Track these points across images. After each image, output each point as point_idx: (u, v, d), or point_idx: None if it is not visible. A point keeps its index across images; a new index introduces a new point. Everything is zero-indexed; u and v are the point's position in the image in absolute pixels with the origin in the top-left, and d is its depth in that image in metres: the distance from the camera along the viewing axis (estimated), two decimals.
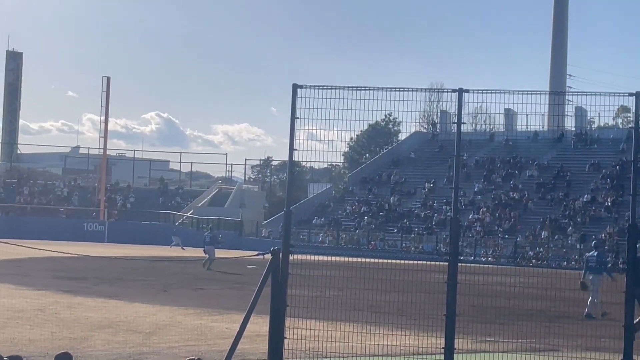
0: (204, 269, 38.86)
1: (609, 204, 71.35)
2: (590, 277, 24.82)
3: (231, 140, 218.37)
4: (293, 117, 16.62)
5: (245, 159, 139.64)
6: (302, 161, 18.00)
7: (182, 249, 64.70)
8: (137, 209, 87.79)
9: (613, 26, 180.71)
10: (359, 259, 28.25)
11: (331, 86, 16.90)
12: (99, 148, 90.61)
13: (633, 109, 16.72)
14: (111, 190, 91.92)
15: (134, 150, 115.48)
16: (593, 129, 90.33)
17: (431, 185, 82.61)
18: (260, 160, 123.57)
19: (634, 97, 16.21)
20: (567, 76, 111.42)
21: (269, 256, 15.61)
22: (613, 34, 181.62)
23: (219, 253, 42.25)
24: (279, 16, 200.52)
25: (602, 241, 51.28)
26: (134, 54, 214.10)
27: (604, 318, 23.04)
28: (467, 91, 16.46)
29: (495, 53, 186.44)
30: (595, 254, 25.83)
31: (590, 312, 24.12)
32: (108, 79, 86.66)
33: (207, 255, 41.17)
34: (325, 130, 17.60)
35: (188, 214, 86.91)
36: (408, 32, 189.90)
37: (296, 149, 16.68)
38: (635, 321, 18.52)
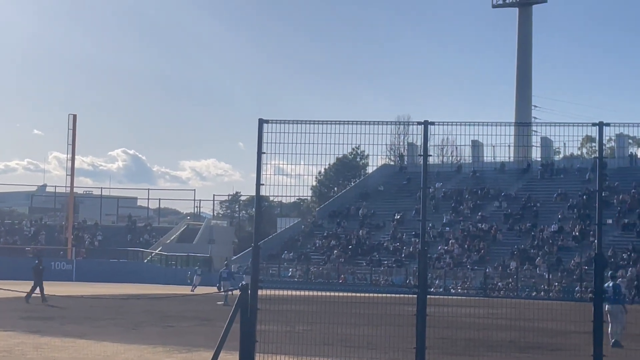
0: (223, 305, 38.75)
1: (577, 233, 71.76)
2: (607, 307, 24.84)
3: (199, 176, 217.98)
4: (260, 152, 16.64)
5: (214, 195, 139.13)
6: (271, 196, 17.96)
7: (192, 290, 56.14)
8: (105, 246, 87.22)
9: (577, 56, 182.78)
10: (329, 293, 28.21)
11: (298, 120, 16.94)
12: (65, 186, 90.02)
13: (597, 139, 16.91)
14: (78, 228, 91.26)
15: (101, 188, 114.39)
16: (559, 159, 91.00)
17: (400, 215, 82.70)
18: (228, 195, 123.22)
19: (597, 127, 16.37)
20: (533, 107, 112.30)
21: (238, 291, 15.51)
22: (577, 64, 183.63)
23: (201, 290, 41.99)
24: (246, 51, 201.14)
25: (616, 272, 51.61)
26: (100, 91, 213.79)
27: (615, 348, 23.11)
28: (433, 123, 16.57)
29: (461, 85, 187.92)
30: (612, 284, 25.88)
31: (617, 339, 24.12)
32: (74, 116, 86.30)
33: (224, 292, 40.78)
34: (293, 164, 17.63)
35: (157, 251, 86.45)
36: (375, 65, 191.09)
37: (263, 184, 16.69)
38: None
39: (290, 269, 75.91)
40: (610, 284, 25.85)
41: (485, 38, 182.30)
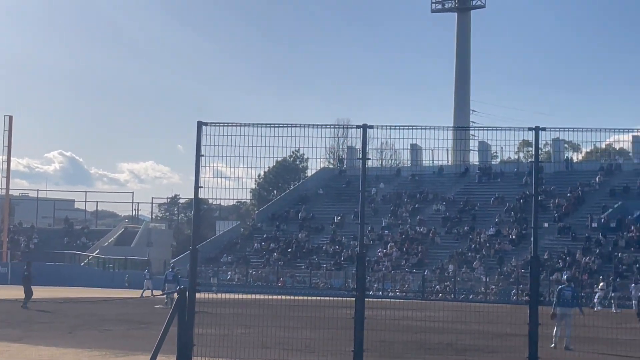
0: (164, 308, 38.37)
1: (514, 236, 72.52)
2: (560, 310, 25.04)
3: (137, 179, 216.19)
4: (198, 155, 16.58)
5: (152, 197, 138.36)
6: (210, 198, 17.91)
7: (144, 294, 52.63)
8: (42, 249, 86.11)
9: (515, 61, 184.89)
10: (268, 296, 28.13)
11: (237, 123, 16.92)
12: (1, 188, 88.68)
13: (534, 143, 17.13)
14: (14, 231, 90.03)
15: (38, 190, 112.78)
16: (497, 163, 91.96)
17: (339, 218, 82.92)
18: (167, 198, 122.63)
19: (534, 131, 16.57)
20: (471, 111, 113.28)
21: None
22: (515, 69, 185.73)
23: (129, 293, 41.68)
24: (184, 52, 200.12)
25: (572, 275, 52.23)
26: (36, 92, 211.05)
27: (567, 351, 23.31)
28: (372, 127, 16.65)
29: (400, 89, 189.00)
30: (570, 288, 26.10)
31: (568, 344, 24.32)
32: (10, 117, 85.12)
33: (166, 295, 40.48)
34: (232, 167, 17.60)
35: (94, 254, 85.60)
36: (315, 68, 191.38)
37: (202, 187, 16.64)
38: None
39: (229, 272, 75.66)
40: (569, 287, 26.13)
41: (425, 42, 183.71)
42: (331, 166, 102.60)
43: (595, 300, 52.23)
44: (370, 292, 56.90)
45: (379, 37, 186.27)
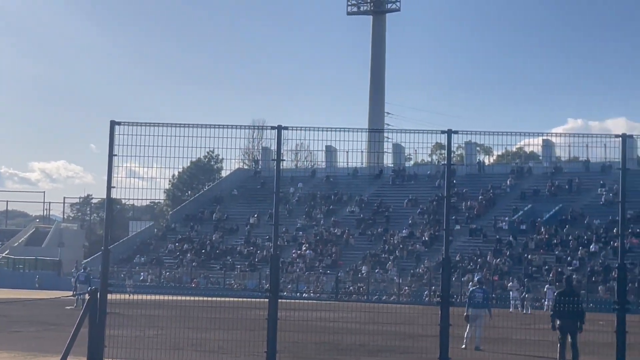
0: (77, 308, 37.65)
1: (426, 238, 73.27)
2: (472, 311, 25.30)
3: (49, 178, 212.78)
4: (111, 154, 16.42)
5: (64, 197, 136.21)
6: (123, 198, 17.76)
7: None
8: None
9: (430, 64, 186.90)
10: (181, 298, 27.98)
11: (151, 123, 16.80)
12: None
13: (446, 146, 17.35)
14: None
15: None
16: (410, 165, 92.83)
17: (255, 218, 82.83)
18: (79, 198, 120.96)
19: (446, 134, 16.77)
20: (386, 114, 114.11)
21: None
22: (430, 72, 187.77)
23: (40, 294, 41.01)
24: (99, 50, 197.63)
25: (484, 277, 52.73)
26: None
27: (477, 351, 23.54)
28: (286, 128, 16.67)
29: (316, 91, 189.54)
30: (481, 290, 26.39)
31: (478, 344, 24.54)
32: None
33: (77, 295, 39.73)
34: (146, 167, 17.47)
35: (4, 254, 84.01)
36: (231, 69, 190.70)
37: (115, 187, 16.49)
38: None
39: (142, 273, 74.98)
40: (480, 289, 26.47)
41: (340, 44, 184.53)
42: (246, 167, 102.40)
43: (512, 301, 53.06)
44: (284, 293, 56.89)
45: (295, 39, 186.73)
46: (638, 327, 21.84)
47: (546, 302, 51.21)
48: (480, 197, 78.82)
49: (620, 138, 17.34)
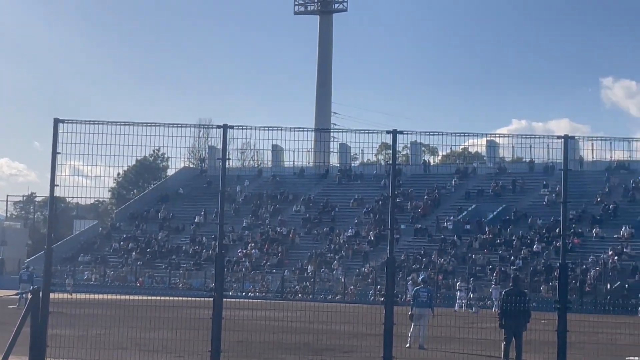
0: (19, 307, 37.13)
1: (372, 238, 73.57)
2: (417, 310, 25.45)
3: None
4: (54, 152, 16.29)
5: (7, 195, 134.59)
6: (67, 197, 17.61)
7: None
8: None
9: (377, 64, 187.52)
10: (126, 297, 27.82)
11: (96, 121, 16.70)
12: None
13: (392, 146, 17.45)
14: None
15: None
16: (357, 165, 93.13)
17: (201, 217, 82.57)
18: (23, 196, 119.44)
19: (392, 134, 16.87)
20: (332, 113, 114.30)
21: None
22: (376, 72, 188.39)
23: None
24: (40, 46, 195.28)
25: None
26: None
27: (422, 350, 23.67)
28: (232, 127, 16.66)
29: (263, 90, 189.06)
30: (426, 289, 26.56)
31: (422, 343, 24.66)
32: None
33: (20, 295, 39.27)
34: (91, 165, 17.36)
35: None
36: (178, 68, 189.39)
37: (59, 185, 16.35)
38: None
39: (87, 272, 74.40)
40: (425, 289, 26.66)
41: (288, 44, 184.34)
42: (192, 166, 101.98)
43: (459, 301, 53.44)
44: (230, 293, 56.83)
45: (242, 38, 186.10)
46: (579, 326, 22.16)
47: (494, 302, 51.61)
48: (425, 197, 79.34)
49: (563, 139, 17.57)
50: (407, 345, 24.27)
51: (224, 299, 17.16)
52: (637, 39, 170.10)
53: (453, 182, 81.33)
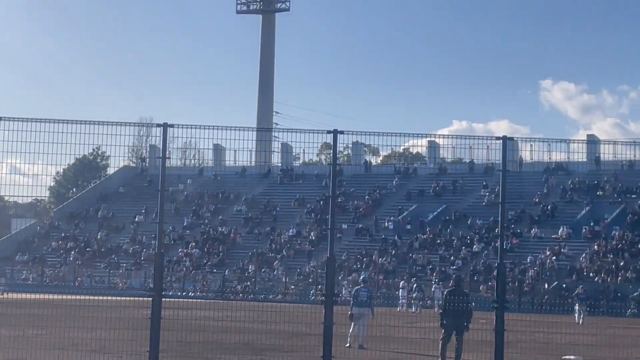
0: None
1: (313, 237, 73.67)
2: (357, 310, 25.49)
3: None
4: None
5: None
6: (5, 195, 17.41)
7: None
8: None
9: (318, 64, 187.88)
10: (64, 296, 27.55)
11: (35, 119, 16.54)
12: None
13: (332, 146, 17.50)
14: None
15: None
16: (298, 165, 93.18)
17: (141, 216, 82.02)
18: None
19: (332, 134, 16.93)
20: (274, 113, 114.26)
21: None
22: (319, 72, 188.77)
23: None
24: None
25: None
26: None
27: (361, 350, 23.70)
28: (172, 126, 16.59)
29: (205, 89, 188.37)
30: (366, 289, 26.63)
31: (362, 343, 24.69)
32: None
33: None
34: (29, 163, 17.19)
35: None
36: (118, 65, 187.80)
37: None
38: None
39: (24, 272, 73.50)
40: (365, 289, 26.75)
41: (230, 43, 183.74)
42: (133, 165, 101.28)
43: (401, 300, 53.58)
44: (170, 292, 56.53)
45: (184, 36, 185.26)
46: (517, 326, 22.43)
47: (435, 302, 51.90)
48: (366, 197, 79.64)
49: (501, 140, 17.75)
50: (347, 344, 24.35)
51: (164, 299, 17.09)
52: (575, 41, 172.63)
53: (394, 182, 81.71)
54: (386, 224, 74.30)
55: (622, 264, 60.91)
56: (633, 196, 70.27)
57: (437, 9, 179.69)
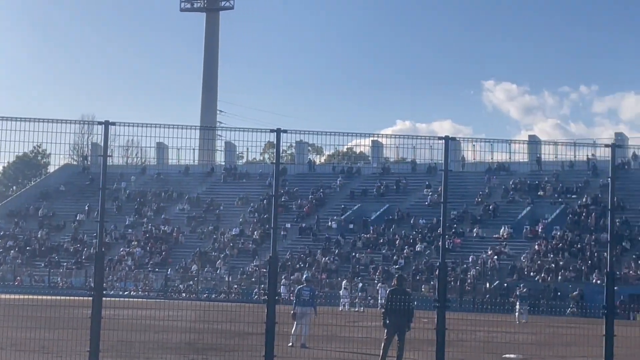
0: None
1: (257, 237, 73.57)
2: (300, 309, 25.47)
3: None
4: None
5: None
6: None
7: None
8: None
9: (262, 63, 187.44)
10: (4, 296, 27.21)
11: None
12: None
13: (276, 145, 17.50)
14: None
15: None
16: (242, 164, 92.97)
17: (83, 215, 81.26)
18: None
19: (276, 133, 16.93)
20: (218, 111, 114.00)
21: None
22: (263, 71, 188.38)
23: None
24: None
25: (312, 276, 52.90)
26: None
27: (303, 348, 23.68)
28: (114, 124, 16.48)
29: (148, 87, 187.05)
30: (308, 288, 26.61)
31: (304, 342, 24.65)
32: None
33: None
34: None
35: None
36: (60, 62, 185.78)
37: None
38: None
39: None
40: (308, 288, 26.77)
41: (173, 41, 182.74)
42: (75, 163, 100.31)
43: (342, 299, 53.59)
44: (111, 292, 56.09)
45: (127, 33, 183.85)
46: (458, 325, 22.60)
47: (378, 301, 52.07)
48: (310, 196, 79.74)
49: (444, 140, 17.87)
50: (290, 344, 24.35)
51: (105, 298, 16.95)
52: (518, 43, 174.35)
53: (338, 182, 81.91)
54: (329, 223, 74.48)
55: (562, 263, 61.68)
56: (573, 196, 71.22)
57: (380, 9, 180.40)
